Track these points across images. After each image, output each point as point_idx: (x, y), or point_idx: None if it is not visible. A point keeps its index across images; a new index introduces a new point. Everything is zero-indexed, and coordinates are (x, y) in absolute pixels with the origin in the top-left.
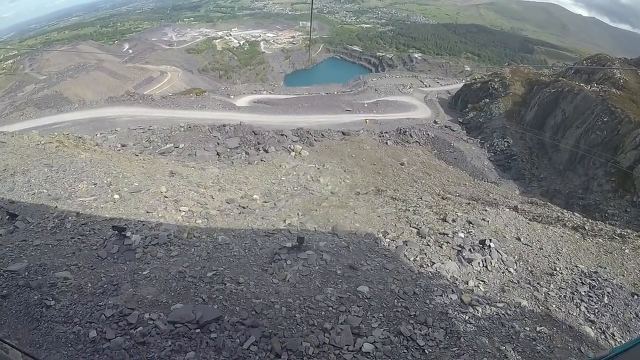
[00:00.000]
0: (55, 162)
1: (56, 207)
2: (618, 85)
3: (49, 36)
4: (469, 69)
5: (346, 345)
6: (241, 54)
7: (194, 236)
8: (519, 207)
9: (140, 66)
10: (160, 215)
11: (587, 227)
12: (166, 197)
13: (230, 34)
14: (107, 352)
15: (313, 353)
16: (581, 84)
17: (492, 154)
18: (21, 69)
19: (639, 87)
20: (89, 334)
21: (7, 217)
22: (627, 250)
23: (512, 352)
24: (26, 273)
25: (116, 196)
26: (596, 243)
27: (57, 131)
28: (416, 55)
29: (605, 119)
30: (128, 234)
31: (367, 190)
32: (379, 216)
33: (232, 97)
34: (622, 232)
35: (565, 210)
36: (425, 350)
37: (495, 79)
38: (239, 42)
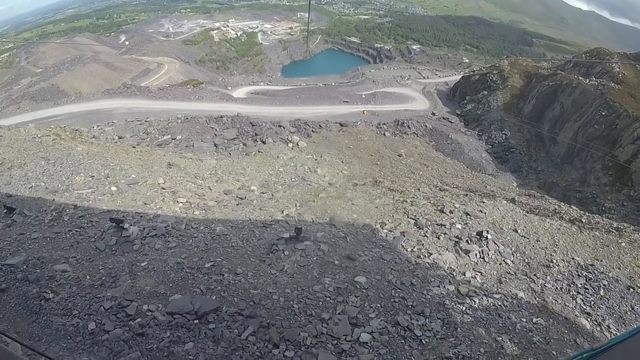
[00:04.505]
0: (52, 155)
1: (54, 200)
2: (617, 80)
3: (45, 29)
4: (467, 61)
5: (344, 335)
6: (238, 45)
7: (192, 227)
8: (516, 199)
9: (137, 58)
10: (158, 206)
11: (584, 220)
12: (164, 189)
13: (228, 25)
14: (106, 344)
15: (311, 343)
16: (580, 78)
17: (490, 146)
18: (17, 62)
19: (638, 81)
20: (88, 326)
21: (5, 210)
22: (623, 244)
23: (508, 342)
24: (24, 266)
25: (113, 188)
26: (593, 236)
27: (53, 124)
28: (414, 47)
29: (603, 113)
30: (126, 225)
31: (365, 181)
32: (377, 207)
33: (229, 88)
34: (619, 226)
35: (562, 203)
36: (423, 341)
37: (494, 72)
38: (236, 33)
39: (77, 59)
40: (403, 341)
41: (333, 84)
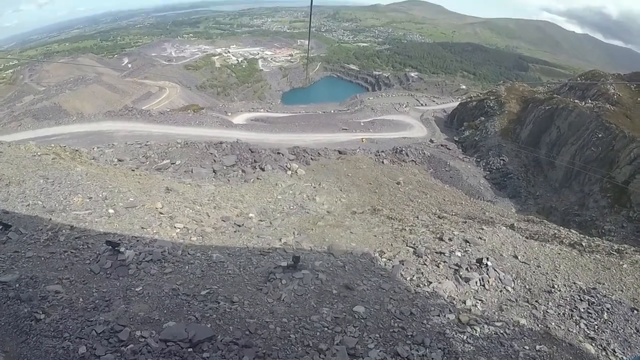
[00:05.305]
0: (51, 174)
1: (50, 219)
2: (612, 101)
3: (50, 47)
4: (464, 87)
5: None
6: (239, 71)
7: (189, 253)
8: (515, 225)
9: (139, 81)
10: (155, 231)
11: (584, 244)
12: (161, 214)
13: (229, 51)
14: None
15: None
16: (575, 101)
17: (488, 172)
18: (21, 79)
19: (633, 102)
20: (78, 349)
21: (0, 227)
22: (625, 266)
23: None
24: (17, 285)
25: (111, 211)
26: (594, 259)
27: (54, 143)
28: (412, 74)
29: (600, 135)
30: (122, 249)
31: (363, 209)
32: (375, 235)
33: (229, 114)
34: (620, 248)
35: (561, 228)
36: None
37: (491, 97)
38: (237, 59)
39: (80, 79)
40: None
41: (332, 111)
